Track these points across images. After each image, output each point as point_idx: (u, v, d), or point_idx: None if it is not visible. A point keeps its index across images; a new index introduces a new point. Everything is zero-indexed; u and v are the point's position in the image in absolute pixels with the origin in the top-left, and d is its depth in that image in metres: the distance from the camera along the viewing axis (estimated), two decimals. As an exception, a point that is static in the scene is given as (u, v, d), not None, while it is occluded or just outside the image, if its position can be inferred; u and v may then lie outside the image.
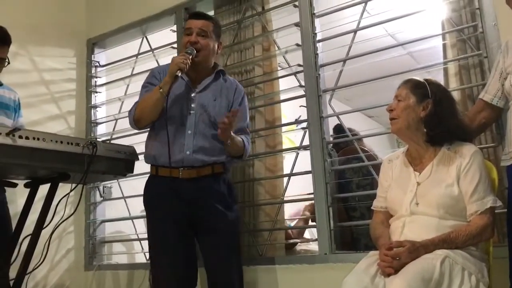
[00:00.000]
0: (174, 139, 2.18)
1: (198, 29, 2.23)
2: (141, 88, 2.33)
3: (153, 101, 2.14)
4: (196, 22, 2.26)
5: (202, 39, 2.23)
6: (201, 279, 2.32)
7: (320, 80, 2.62)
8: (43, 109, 3.30)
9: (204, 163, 2.19)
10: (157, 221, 2.22)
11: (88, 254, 3.33)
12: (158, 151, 2.21)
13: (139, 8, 3.39)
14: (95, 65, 3.63)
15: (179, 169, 2.17)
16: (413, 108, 1.80)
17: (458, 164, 1.73)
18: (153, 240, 2.25)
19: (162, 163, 2.20)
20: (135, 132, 3.25)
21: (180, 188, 2.17)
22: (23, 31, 3.10)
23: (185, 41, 2.24)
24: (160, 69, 2.36)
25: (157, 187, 2.25)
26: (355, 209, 2.81)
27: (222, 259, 2.20)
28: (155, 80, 2.28)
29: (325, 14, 2.70)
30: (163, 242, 2.19)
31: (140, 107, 2.20)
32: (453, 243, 1.62)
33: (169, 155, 2.13)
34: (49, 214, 2.23)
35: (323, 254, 2.42)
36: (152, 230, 2.27)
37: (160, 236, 2.21)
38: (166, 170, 2.19)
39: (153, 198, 2.26)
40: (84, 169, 2.12)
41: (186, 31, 2.27)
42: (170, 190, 2.18)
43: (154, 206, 2.26)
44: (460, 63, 2.30)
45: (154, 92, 2.14)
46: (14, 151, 1.93)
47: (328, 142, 2.59)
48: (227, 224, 2.22)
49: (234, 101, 2.30)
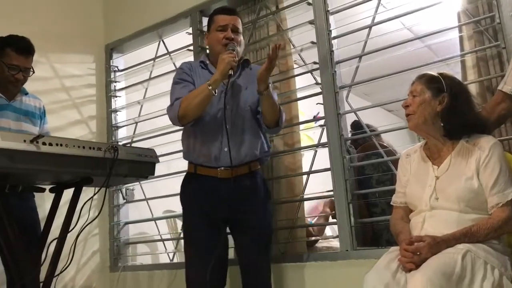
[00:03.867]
0: (212, 136, 2.19)
1: (232, 25, 2.24)
2: (174, 84, 2.30)
3: (201, 98, 2.11)
4: (229, 18, 2.25)
5: (235, 35, 2.23)
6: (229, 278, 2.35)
7: (336, 77, 2.61)
8: (65, 115, 3.37)
9: (242, 160, 2.19)
10: (193, 221, 2.25)
11: (113, 256, 3.39)
12: (197, 149, 2.23)
13: (155, 12, 3.43)
14: (114, 70, 3.70)
15: (218, 168, 2.19)
16: (429, 103, 1.79)
17: (477, 157, 1.72)
18: (188, 239, 2.27)
19: (201, 162, 2.22)
20: (155, 135, 3.32)
21: (218, 188, 2.18)
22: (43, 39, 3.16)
23: (220, 37, 2.23)
24: (188, 65, 2.35)
25: (194, 186, 2.26)
26: (375, 205, 2.80)
27: (259, 259, 2.23)
28: (187, 77, 2.28)
29: (339, 10, 2.69)
30: (197, 241, 2.22)
31: (185, 103, 2.15)
32: (475, 236, 1.61)
33: (209, 154, 2.16)
34: (74, 218, 2.28)
35: (345, 251, 2.42)
36: (187, 229, 2.30)
37: (195, 236, 2.23)
38: (205, 169, 2.21)
39: (190, 197, 2.28)
40: (107, 172, 2.16)
41: (218, 27, 2.24)
42: (208, 189, 2.20)
43: (190, 205, 2.28)
44: (478, 55, 2.27)
45: (202, 89, 2.11)
46: (38, 158, 1.98)
47: (346, 138, 2.58)
48: (264, 223, 2.25)
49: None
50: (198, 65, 2.34)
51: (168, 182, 3.21)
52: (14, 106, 2.47)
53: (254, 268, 2.25)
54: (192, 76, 2.29)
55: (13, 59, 2.38)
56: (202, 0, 3.17)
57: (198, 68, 2.32)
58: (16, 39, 2.42)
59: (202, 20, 3.20)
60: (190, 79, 2.28)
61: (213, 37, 2.28)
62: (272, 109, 2.20)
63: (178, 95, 2.23)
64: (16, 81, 2.41)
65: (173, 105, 2.21)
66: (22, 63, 2.40)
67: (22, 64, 2.40)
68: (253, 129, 2.24)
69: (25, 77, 2.45)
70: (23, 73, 2.42)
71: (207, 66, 2.32)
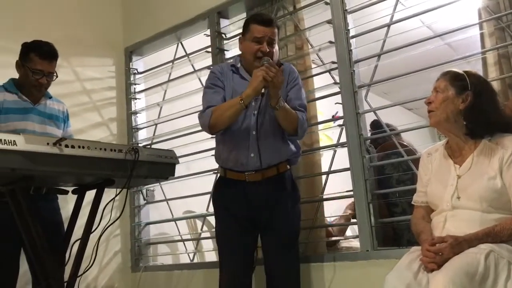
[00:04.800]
0: (240, 142, 2.21)
1: (268, 38, 2.20)
2: (206, 88, 2.32)
3: (232, 112, 2.13)
4: (266, 30, 2.20)
5: (271, 47, 2.21)
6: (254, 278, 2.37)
7: (355, 76, 2.60)
8: (86, 117, 3.42)
9: (269, 164, 2.21)
10: (224, 223, 2.30)
11: (134, 256, 3.43)
12: (225, 155, 2.26)
13: (173, 14, 3.46)
14: (134, 73, 3.74)
15: (245, 173, 2.21)
16: (452, 100, 1.77)
17: (501, 156, 1.69)
18: (220, 241, 2.32)
19: (230, 167, 2.26)
20: (174, 136, 3.35)
21: (247, 192, 2.21)
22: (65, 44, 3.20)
23: (255, 49, 2.19)
24: (220, 69, 2.35)
25: (224, 189, 2.31)
26: (396, 204, 2.77)
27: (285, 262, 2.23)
28: (218, 81, 2.29)
29: (357, 9, 2.67)
30: (227, 245, 2.27)
31: (217, 114, 2.17)
32: (498, 236, 1.59)
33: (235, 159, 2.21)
34: (97, 218, 2.32)
35: (365, 251, 2.41)
36: (219, 232, 2.33)
37: (225, 240, 2.29)
38: (233, 173, 2.25)
39: (220, 200, 2.33)
40: (128, 174, 2.19)
41: (254, 38, 2.20)
42: (237, 193, 2.23)
43: (221, 208, 2.32)
44: (500, 52, 2.24)
45: (234, 103, 2.12)
46: (61, 160, 2.01)
47: (365, 138, 2.57)
48: (291, 226, 2.26)
49: (289, 83, 2.28)
50: (229, 68, 2.34)
51: (188, 182, 3.24)
52: (39, 110, 2.52)
53: (279, 271, 2.24)
54: (223, 80, 2.30)
55: (37, 64, 2.43)
56: (220, 2, 3.19)
57: (229, 72, 2.33)
58: (40, 44, 2.47)
59: (220, 21, 3.21)
60: (221, 84, 2.29)
61: (247, 46, 2.24)
62: (287, 121, 2.18)
63: (209, 102, 2.25)
64: (40, 86, 2.46)
65: (205, 112, 2.24)
66: (45, 68, 2.45)
67: (45, 69, 2.45)
68: (280, 133, 2.24)
69: (48, 82, 2.49)
70: (46, 77, 2.47)
71: (238, 70, 2.32)
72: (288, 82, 2.28)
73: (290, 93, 2.27)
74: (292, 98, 2.25)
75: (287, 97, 2.25)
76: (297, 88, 2.30)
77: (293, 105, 2.23)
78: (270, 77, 2.03)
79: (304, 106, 2.29)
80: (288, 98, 2.25)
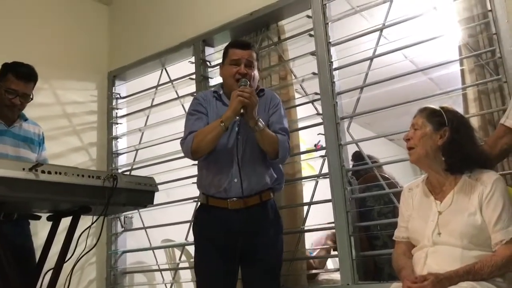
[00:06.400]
0: (223, 167, 2.19)
1: (245, 60, 2.23)
2: (188, 115, 2.32)
3: (214, 135, 2.13)
4: (243, 52, 2.24)
5: (249, 69, 2.23)
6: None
7: (337, 108, 2.62)
8: (65, 141, 3.37)
9: (252, 191, 2.18)
10: (204, 252, 2.22)
11: (109, 285, 3.34)
12: (208, 180, 2.23)
13: (158, 40, 3.47)
14: (116, 97, 3.72)
15: (227, 200, 2.17)
16: (430, 136, 1.78)
17: (480, 192, 1.69)
18: (199, 270, 2.25)
19: (212, 193, 2.22)
20: (155, 162, 3.30)
21: (229, 220, 2.17)
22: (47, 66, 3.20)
23: (233, 71, 2.22)
24: (203, 96, 2.36)
25: (206, 217, 2.26)
26: (377, 237, 2.75)
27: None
28: (201, 108, 2.29)
29: (340, 42, 2.71)
30: (207, 275, 2.19)
31: (198, 139, 2.17)
32: (478, 274, 1.58)
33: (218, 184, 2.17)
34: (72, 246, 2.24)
35: (346, 285, 2.38)
36: (199, 261, 2.26)
37: (206, 268, 2.21)
38: (215, 200, 2.20)
39: (202, 228, 2.27)
40: (105, 201, 2.13)
41: (231, 61, 2.24)
42: (219, 221, 2.18)
43: (201, 237, 2.26)
44: (479, 88, 2.28)
45: (215, 126, 2.12)
46: (37, 186, 1.95)
47: (347, 169, 2.57)
48: (273, 256, 2.22)
49: (271, 108, 2.29)
50: (212, 95, 2.35)
51: (167, 210, 3.19)
52: (13, 132, 2.47)
53: None
54: (206, 107, 2.30)
55: (12, 84, 2.39)
56: (205, 30, 3.21)
57: (212, 99, 2.33)
58: (19, 64, 2.44)
59: (205, 49, 3.22)
60: (204, 110, 2.29)
61: (226, 70, 2.28)
62: (267, 143, 2.16)
63: (191, 128, 2.24)
64: (12, 106, 2.42)
65: (186, 139, 2.23)
66: (20, 88, 2.41)
67: (20, 89, 2.41)
68: (263, 158, 2.23)
69: (22, 103, 2.45)
70: (20, 98, 2.42)
71: (221, 97, 2.32)
72: (269, 107, 2.29)
73: (271, 118, 2.27)
74: (274, 122, 2.26)
75: (269, 122, 2.25)
76: (279, 113, 2.30)
77: (274, 128, 2.23)
78: (245, 97, 2.06)
79: (286, 130, 2.28)
80: (270, 123, 2.25)
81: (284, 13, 2.94)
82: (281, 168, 2.34)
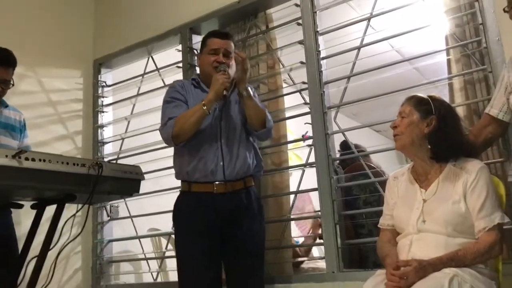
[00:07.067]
0: (207, 151, 2.19)
1: (224, 49, 2.25)
2: (165, 103, 2.30)
3: (196, 118, 2.14)
4: (221, 42, 2.27)
5: (226, 59, 2.25)
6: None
7: (324, 97, 2.62)
8: (50, 129, 3.33)
9: (237, 175, 2.19)
10: (190, 240, 2.20)
11: (95, 274, 3.32)
12: (191, 166, 2.21)
13: (145, 28, 3.43)
14: (102, 85, 3.67)
15: (214, 183, 2.17)
16: (417, 124, 1.79)
17: (465, 180, 1.71)
18: (182, 257, 2.22)
19: (196, 178, 2.20)
20: (141, 151, 3.28)
21: (214, 203, 2.16)
22: (31, 53, 3.15)
23: (211, 60, 2.24)
24: (181, 84, 2.35)
25: (189, 203, 2.23)
26: (362, 226, 2.78)
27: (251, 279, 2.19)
28: (179, 95, 2.28)
29: (328, 31, 2.71)
30: (192, 260, 2.17)
31: (181, 123, 2.16)
32: (461, 261, 1.60)
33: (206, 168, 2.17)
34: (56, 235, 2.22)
35: (331, 272, 2.39)
36: (181, 247, 2.24)
37: (189, 254, 2.19)
38: (200, 186, 2.19)
39: (185, 215, 2.24)
40: (90, 189, 2.11)
41: (210, 50, 2.26)
42: (203, 205, 2.17)
43: (186, 224, 2.23)
44: (465, 78, 2.29)
45: (197, 109, 2.13)
46: (20, 173, 1.92)
47: (334, 159, 2.58)
48: (257, 244, 2.23)
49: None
50: (190, 83, 2.35)
51: (153, 199, 3.17)
52: None
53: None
54: (185, 95, 2.29)
55: None
56: (192, 18, 3.18)
57: (190, 87, 2.32)
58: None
59: (192, 37, 3.20)
60: (183, 98, 2.28)
61: (204, 59, 2.29)
62: (255, 112, 2.22)
63: (170, 115, 2.22)
64: None
65: (167, 124, 2.21)
66: (0, 75, 2.36)
67: (0, 76, 2.36)
68: (245, 142, 2.26)
69: (3, 89, 2.40)
70: (1, 84, 2.38)
71: (200, 84, 2.32)
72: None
73: None
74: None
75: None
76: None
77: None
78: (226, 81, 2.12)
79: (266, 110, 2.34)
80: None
81: (272, 1, 2.92)
82: (260, 154, 2.36)
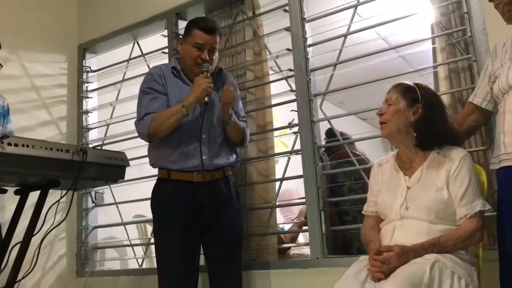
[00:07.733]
0: (188, 146, 2.18)
1: (210, 46, 2.21)
2: (142, 93, 2.26)
3: (174, 120, 2.14)
4: (208, 38, 2.21)
5: (211, 55, 2.22)
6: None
7: (311, 85, 2.62)
8: (34, 115, 3.28)
9: (219, 166, 2.22)
10: (169, 227, 2.19)
11: (80, 261, 3.31)
12: (171, 159, 2.20)
13: (130, 13, 3.39)
14: (87, 71, 3.62)
15: (194, 172, 2.17)
16: (403, 112, 1.80)
17: (448, 168, 1.74)
18: (161, 245, 2.23)
19: (176, 169, 2.19)
20: (127, 137, 3.26)
21: (194, 192, 2.17)
22: (14, 36, 3.09)
23: (196, 54, 2.20)
24: (159, 72, 2.29)
25: (169, 191, 2.23)
26: (347, 213, 2.80)
27: (230, 266, 2.23)
28: (157, 86, 2.25)
29: (315, 18, 2.70)
30: (170, 248, 2.17)
31: (158, 123, 2.15)
32: (443, 247, 1.63)
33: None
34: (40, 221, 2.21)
35: (315, 259, 2.42)
36: (160, 235, 2.24)
37: (168, 242, 2.19)
38: (179, 174, 2.19)
39: (165, 203, 2.23)
40: (75, 175, 2.10)
41: (195, 44, 2.20)
42: (182, 193, 2.18)
43: (165, 211, 2.22)
44: (450, 66, 2.31)
45: (176, 111, 2.13)
46: (3, 159, 1.90)
47: (319, 146, 2.59)
48: (236, 230, 2.26)
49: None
50: (169, 71, 2.30)
51: (139, 186, 3.16)
52: None
53: (225, 276, 2.22)
54: (164, 84, 2.25)
55: None
56: (179, 3, 3.14)
57: (170, 75, 2.29)
58: None
59: (178, 23, 3.16)
60: (161, 89, 2.24)
61: (187, 50, 2.24)
62: (236, 134, 2.29)
63: (147, 109, 2.20)
64: None
65: (143, 120, 2.19)
66: None
67: None
68: (226, 137, 2.28)
69: None
70: None
71: (180, 73, 2.29)
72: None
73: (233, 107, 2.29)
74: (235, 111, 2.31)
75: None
76: (238, 100, 2.40)
77: (237, 117, 2.31)
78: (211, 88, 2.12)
79: (245, 117, 2.43)
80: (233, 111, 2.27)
81: (260, -14, 2.91)
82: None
